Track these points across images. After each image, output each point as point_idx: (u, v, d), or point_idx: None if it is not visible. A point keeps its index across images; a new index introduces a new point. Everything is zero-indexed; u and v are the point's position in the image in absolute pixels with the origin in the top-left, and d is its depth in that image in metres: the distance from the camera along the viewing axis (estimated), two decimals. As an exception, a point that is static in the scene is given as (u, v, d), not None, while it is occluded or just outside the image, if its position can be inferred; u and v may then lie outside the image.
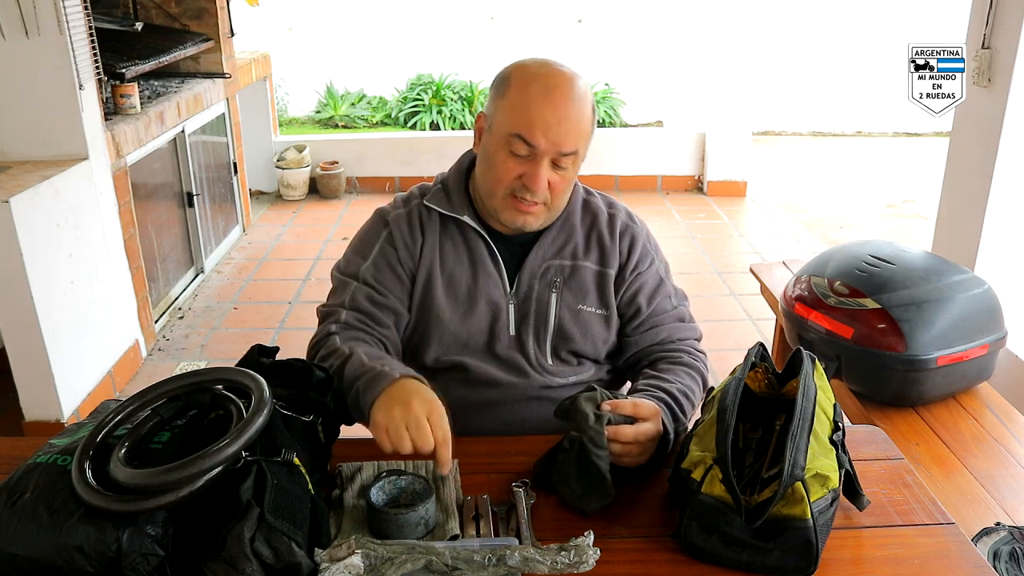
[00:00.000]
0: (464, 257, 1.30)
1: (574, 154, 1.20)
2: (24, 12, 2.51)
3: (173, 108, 3.58)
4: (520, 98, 1.18)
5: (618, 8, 7.22)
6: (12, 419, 2.62)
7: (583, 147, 1.21)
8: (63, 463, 0.90)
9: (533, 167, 1.18)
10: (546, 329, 1.30)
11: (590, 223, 1.33)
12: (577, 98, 1.19)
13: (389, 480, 1.05)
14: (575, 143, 1.19)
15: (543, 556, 0.90)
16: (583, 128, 1.20)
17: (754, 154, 5.58)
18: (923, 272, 1.93)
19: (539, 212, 1.24)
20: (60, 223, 2.57)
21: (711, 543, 0.95)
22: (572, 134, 1.18)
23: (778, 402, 1.10)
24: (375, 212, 1.38)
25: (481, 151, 1.27)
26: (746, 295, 3.73)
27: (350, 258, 1.34)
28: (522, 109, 1.17)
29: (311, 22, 7.27)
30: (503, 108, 1.20)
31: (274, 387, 0.97)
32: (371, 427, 1.05)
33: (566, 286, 1.30)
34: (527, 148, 1.18)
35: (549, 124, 1.16)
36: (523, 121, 1.17)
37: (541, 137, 1.16)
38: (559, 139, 1.17)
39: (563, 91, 1.18)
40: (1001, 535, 1.42)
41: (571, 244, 1.31)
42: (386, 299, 1.28)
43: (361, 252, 1.32)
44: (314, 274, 4.12)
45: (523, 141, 1.17)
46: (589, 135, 1.23)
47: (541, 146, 1.17)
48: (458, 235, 1.31)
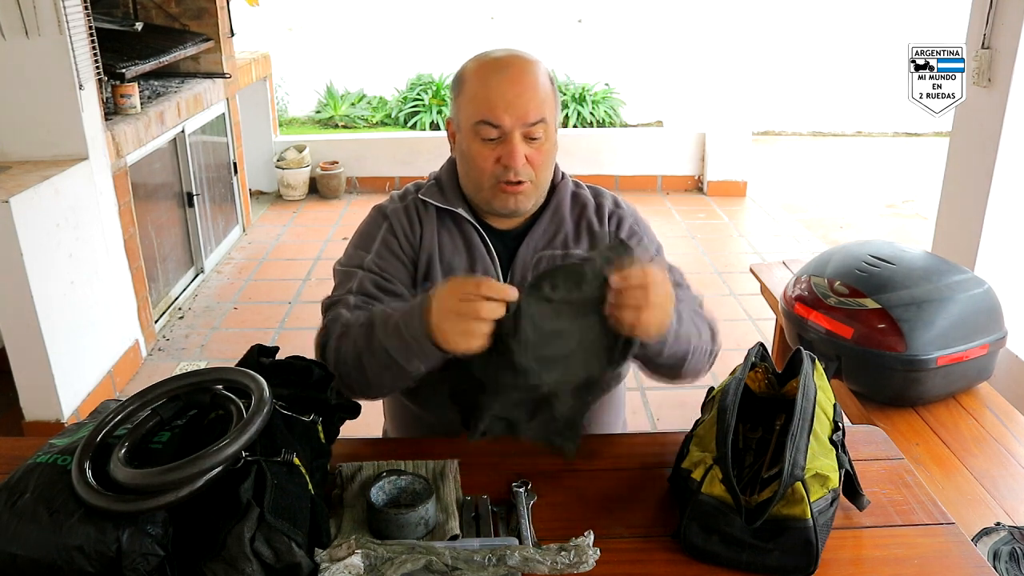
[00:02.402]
0: (461, 248, 1.32)
1: (542, 122, 1.21)
2: (24, 12, 2.51)
3: (173, 108, 3.58)
4: (474, 87, 1.22)
5: (618, 8, 7.23)
6: (12, 419, 2.62)
7: (549, 114, 1.23)
8: (63, 463, 0.90)
9: (507, 146, 1.21)
10: None
11: (579, 212, 1.35)
12: (528, 70, 1.22)
13: (389, 480, 1.05)
14: (539, 111, 1.20)
15: (543, 556, 0.90)
16: (543, 95, 1.22)
17: (754, 154, 5.58)
18: (923, 272, 1.93)
19: (527, 190, 1.25)
20: (60, 223, 2.57)
21: (711, 543, 0.95)
22: (533, 103, 1.20)
23: (778, 402, 1.10)
24: (372, 209, 1.39)
25: (458, 154, 1.30)
26: (746, 295, 3.73)
27: (352, 252, 1.35)
28: (479, 96, 1.21)
29: (311, 22, 7.28)
30: (463, 103, 1.24)
31: (274, 387, 0.97)
32: (446, 341, 1.02)
33: None
34: (495, 130, 1.20)
35: (508, 100, 1.19)
36: (483, 106, 1.20)
37: (504, 115, 1.19)
38: (522, 111, 1.19)
39: (513, 67, 1.21)
40: (1001, 535, 1.42)
41: (561, 234, 1.32)
42: (392, 285, 1.29)
43: (363, 246, 1.34)
44: (314, 274, 4.12)
45: (489, 125, 1.20)
46: (553, 102, 1.24)
47: (507, 124, 1.19)
48: (454, 227, 1.32)
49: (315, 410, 1.04)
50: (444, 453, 1.15)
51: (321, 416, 1.04)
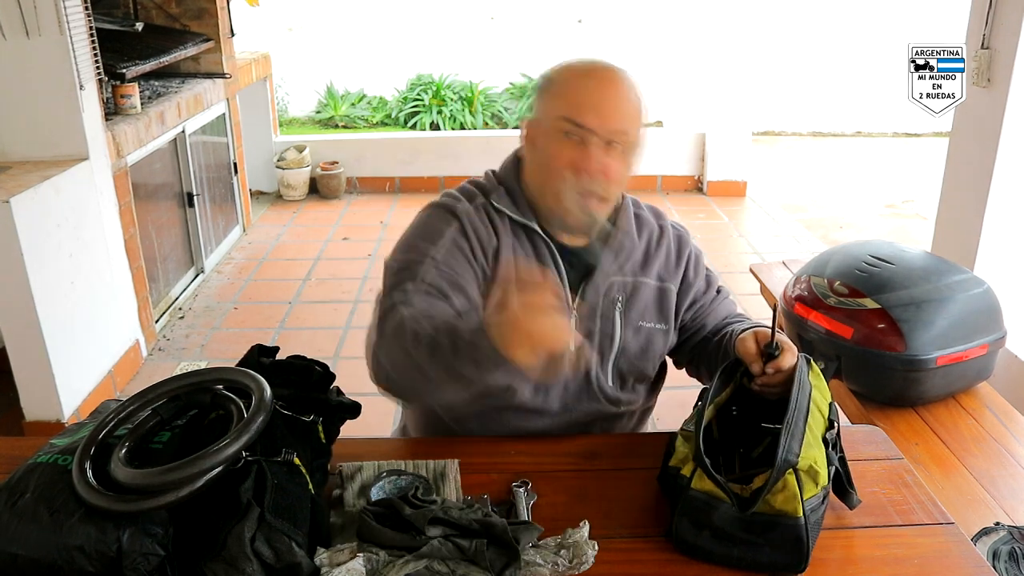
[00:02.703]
0: (534, 265, 1.23)
1: (625, 136, 1.16)
2: (25, 12, 2.51)
3: (173, 108, 3.58)
4: (565, 85, 1.18)
5: (618, 8, 7.22)
6: (12, 419, 2.62)
7: (634, 131, 1.17)
8: (64, 463, 0.90)
9: (585, 150, 1.15)
10: (611, 346, 1.27)
11: (647, 238, 1.32)
12: (622, 80, 1.18)
13: (389, 480, 1.05)
14: (624, 121, 1.16)
15: (544, 558, 0.90)
16: (632, 108, 1.17)
17: (754, 154, 5.58)
18: (923, 272, 1.93)
19: (601, 205, 1.20)
20: (60, 223, 2.57)
21: (702, 539, 0.96)
22: (620, 112, 1.16)
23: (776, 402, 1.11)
24: (432, 207, 1.26)
25: (531, 154, 1.24)
26: (746, 295, 3.73)
27: (412, 244, 1.20)
28: (568, 94, 1.17)
29: (311, 22, 7.27)
30: (548, 100, 1.19)
31: (274, 387, 0.97)
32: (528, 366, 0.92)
33: (628, 303, 1.28)
34: (577, 129, 1.15)
35: (596, 103, 1.15)
36: (570, 103, 1.16)
37: (589, 115, 1.14)
38: (607, 117, 1.14)
39: (608, 73, 1.18)
40: (1000, 535, 1.42)
41: (632, 261, 1.29)
42: (460, 279, 1.16)
43: (428, 238, 1.19)
44: (314, 274, 4.12)
45: (572, 123, 1.15)
46: (640, 120, 1.19)
47: (590, 124, 1.14)
48: (527, 242, 1.24)
49: (315, 410, 1.04)
50: (444, 453, 1.15)
51: (321, 416, 1.05)
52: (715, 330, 1.36)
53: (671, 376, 1.43)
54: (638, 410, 1.36)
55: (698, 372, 1.40)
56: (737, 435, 1.12)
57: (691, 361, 1.40)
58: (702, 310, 1.37)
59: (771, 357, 1.09)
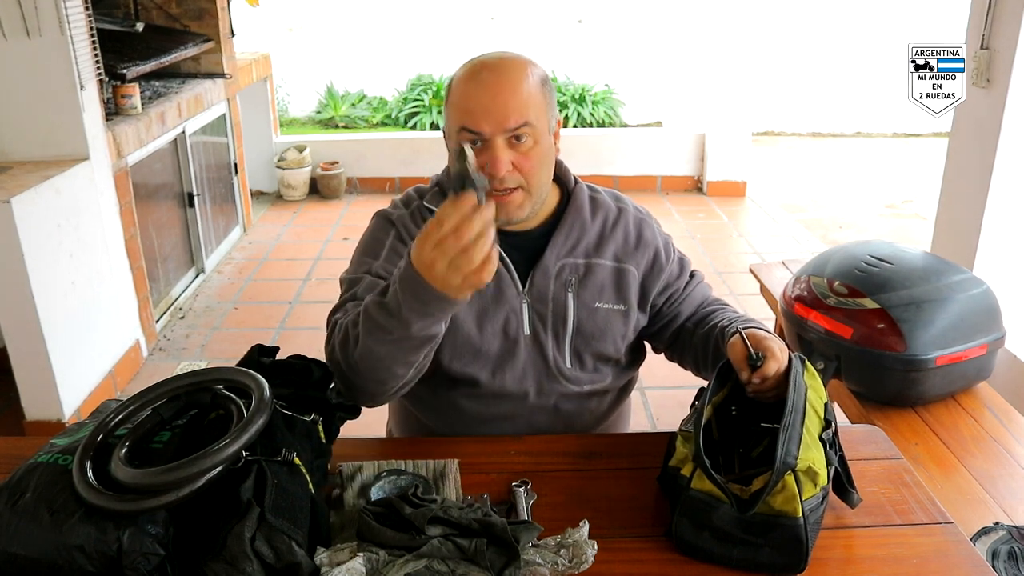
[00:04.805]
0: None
1: (526, 125, 1.15)
2: (25, 12, 2.51)
3: (174, 108, 3.58)
4: (455, 95, 1.18)
5: (618, 8, 7.23)
6: (13, 419, 2.62)
7: (535, 116, 1.16)
8: (64, 463, 0.90)
9: (489, 152, 1.15)
10: (564, 328, 1.28)
11: (601, 220, 1.32)
12: (509, 72, 1.16)
13: (389, 480, 1.05)
14: (520, 115, 1.14)
15: (543, 558, 0.90)
16: (525, 97, 1.15)
17: (754, 154, 5.58)
18: (922, 272, 1.93)
19: (519, 199, 1.19)
20: (61, 223, 2.58)
21: (702, 539, 0.96)
22: (511, 106, 1.14)
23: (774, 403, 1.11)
24: (376, 216, 1.35)
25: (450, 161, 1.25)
26: (746, 295, 3.73)
27: (359, 260, 1.28)
28: (459, 103, 1.16)
29: (311, 22, 7.28)
30: (448, 110, 1.20)
31: (274, 387, 0.97)
32: (459, 290, 0.93)
33: (581, 285, 1.28)
34: (476, 137, 1.15)
35: (485, 106, 1.14)
36: (463, 113, 1.15)
37: (482, 121, 1.14)
38: (500, 116, 1.13)
39: (493, 70, 1.16)
40: (1000, 535, 1.42)
41: (584, 243, 1.29)
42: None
43: (371, 253, 1.27)
44: (314, 274, 4.12)
45: (469, 131, 1.15)
46: (542, 103, 1.18)
47: (486, 130, 1.14)
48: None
49: (315, 410, 1.04)
50: (444, 453, 1.15)
51: (321, 416, 1.05)
52: (695, 318, 1.37)
53: (671, 376, 1.43)
54: (609, 390, 1.35)
55: (682, 361, 1.41)
56: (736, 435, 1.12)
57: (671, 347, 1.41)
58: (676, 295, 1.37)
59: (755, 367, 1.10)
